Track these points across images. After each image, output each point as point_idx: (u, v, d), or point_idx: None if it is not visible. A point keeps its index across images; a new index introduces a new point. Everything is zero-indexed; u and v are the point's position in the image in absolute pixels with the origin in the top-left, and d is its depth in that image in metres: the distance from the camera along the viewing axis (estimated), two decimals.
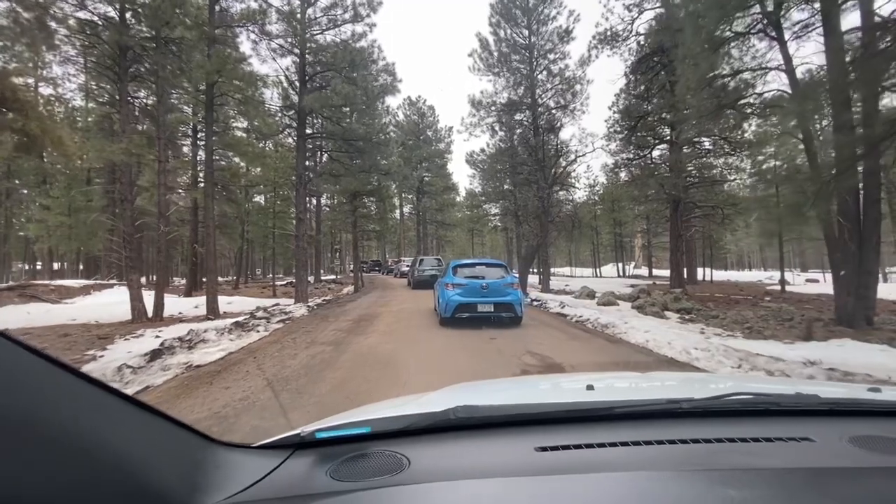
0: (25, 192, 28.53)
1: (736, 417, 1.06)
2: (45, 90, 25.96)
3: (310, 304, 13.11)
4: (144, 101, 13.98)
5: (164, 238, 12.27)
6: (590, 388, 1.25)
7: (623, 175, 27.73)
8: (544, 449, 0.89)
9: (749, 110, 9.87)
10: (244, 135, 17.18)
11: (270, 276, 27.90)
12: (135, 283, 11.77)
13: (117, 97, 12.19)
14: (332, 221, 30.93)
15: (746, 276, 34.32)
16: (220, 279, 37.09)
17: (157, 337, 8.34)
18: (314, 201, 30.07)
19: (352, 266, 24.33)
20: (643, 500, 0.73)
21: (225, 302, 16.33)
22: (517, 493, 0.75)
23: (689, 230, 19.63)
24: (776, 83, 9.27)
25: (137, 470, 0.61)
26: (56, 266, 30.11)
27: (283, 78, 14.91)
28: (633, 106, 18.31)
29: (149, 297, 11.61)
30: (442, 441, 0.97)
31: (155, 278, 13.18)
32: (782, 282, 17.68)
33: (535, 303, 12.75)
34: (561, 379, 2.40)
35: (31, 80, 24.92)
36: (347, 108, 14.39)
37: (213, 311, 11.93)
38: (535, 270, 21.71)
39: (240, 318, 9.53)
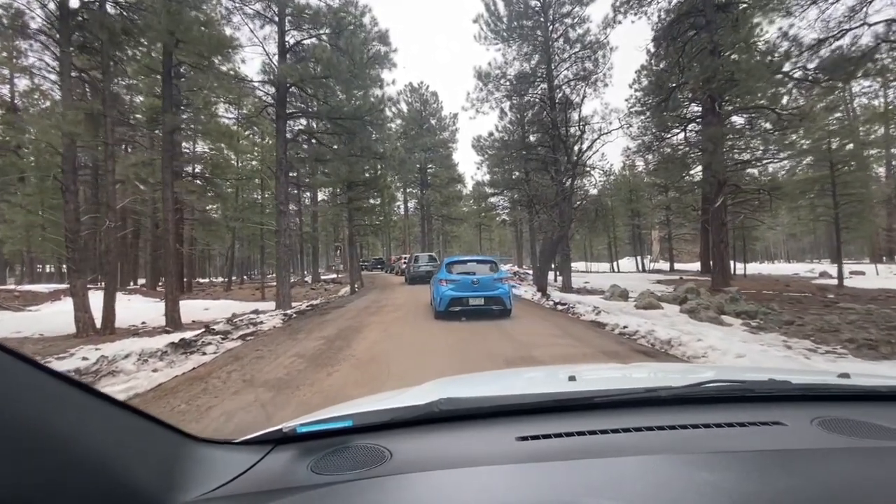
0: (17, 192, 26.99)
1: (712, 404, 1.05)
2: (23, 82, 24.27)
3: (290, 310, 11.12)
4: (95, 79, 12.02)
5: (115, 234, 10.31)
6: (572, 378, 1.23)
7: (641, 164, 25.31)
8: (525, 438, 0.88)
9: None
10: (231, 125, 15.37)
11: (270, 275, 26.00)
12: (79, 291, 9.85)
13: (58, 69, 10.26)
14: (328, 216, 29.00)
15: (780, 268, 31.67)
16: (216, 280, 35.57)
17: (85, 359, 6.50)
18: (308, 195, 28.12)
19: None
20: (619, 485, 0.72)
21: (202, 307, 14.46)
22: (496, 481, 0.75)
23: (739, 216, 17.22)
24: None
25: (112, 467, 0.60)
26: (40, 269, 28.56)
27: (261, 51, 12.89)
28: (663, 77, 15.99)
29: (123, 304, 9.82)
30: (424, 433, 0.95)
31: (103, 283, 11.28)
32: (840, 276, 15.32)
33: (559, 307, 10.58)
34: (544, 370, 2.20)
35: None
36: (333, 81, 12.27)
37: (172, 322, 9.96)
38: (552, 266, 19.47)
39: (189, 335, 7.55)
